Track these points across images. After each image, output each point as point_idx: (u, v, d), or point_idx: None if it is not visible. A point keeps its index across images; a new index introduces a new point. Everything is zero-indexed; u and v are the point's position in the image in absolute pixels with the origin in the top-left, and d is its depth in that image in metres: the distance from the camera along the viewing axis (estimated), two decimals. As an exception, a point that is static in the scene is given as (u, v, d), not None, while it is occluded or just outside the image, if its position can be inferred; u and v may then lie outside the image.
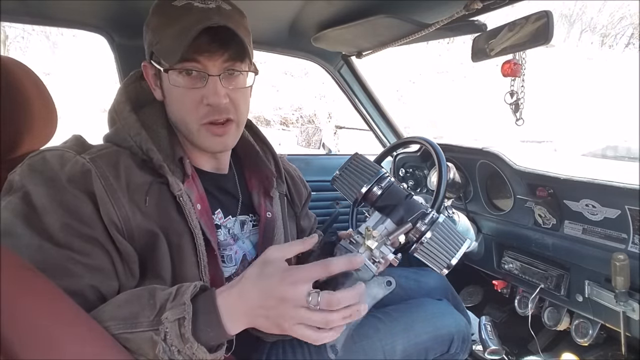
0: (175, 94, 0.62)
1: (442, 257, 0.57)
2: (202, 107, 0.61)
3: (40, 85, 0.72)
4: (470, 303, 1.59)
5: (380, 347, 0.74)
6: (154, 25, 0.61)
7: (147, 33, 0.63)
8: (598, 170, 1.03)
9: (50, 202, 0.50)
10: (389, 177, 0.64)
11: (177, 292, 0.46)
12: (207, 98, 0.60)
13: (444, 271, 0.58)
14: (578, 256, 1.04)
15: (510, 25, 0.86)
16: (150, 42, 0.62)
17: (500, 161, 1.19)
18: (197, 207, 0.62)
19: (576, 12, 14.11)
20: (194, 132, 0.63)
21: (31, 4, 0.98)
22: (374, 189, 0.62)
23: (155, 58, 0.62)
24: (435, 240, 0.57)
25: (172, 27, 0.58)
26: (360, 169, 0.64)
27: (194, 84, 0.60)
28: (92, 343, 0.39)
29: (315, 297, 0.44)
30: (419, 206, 0.61)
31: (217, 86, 0.60)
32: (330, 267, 0.47)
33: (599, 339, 1.09)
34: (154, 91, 0.66)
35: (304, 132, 8.32)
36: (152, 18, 0.62)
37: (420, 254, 0.59)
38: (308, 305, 0.44)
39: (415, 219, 0.58)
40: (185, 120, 0.63)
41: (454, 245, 0.57)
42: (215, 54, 0.59)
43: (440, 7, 0.93)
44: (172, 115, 0.65)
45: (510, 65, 0.93)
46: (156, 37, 0.61)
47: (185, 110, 0.62)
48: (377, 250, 0.57)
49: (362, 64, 1.51)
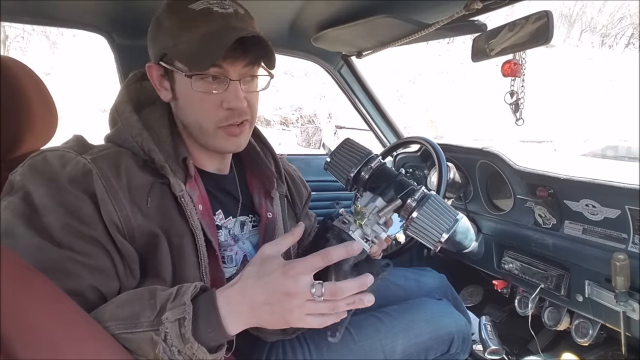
0: (194, 98, 0.61)
1: (433, 232, 0.57)
2: (222, 111, 0.62)
3: (40, 85, 0.72)
4: (470, 303, 1.59)
5: (380, 347, 0.74)
6: (170, 27, 0.60)
7: (160, 34, 0.61)
8: (598, 170, 1.03)
9: (51, 203, 0.50)
10: (377, 158, 0.64)
11: (178, 292, 0.46)
12: (228, 102, 0.61)
13: (436, 246, 0.58)
14: (578, 256, 1.04)
15: (510, 25, 0.86)
16: (163, 44, 0.61)
17: (500, 161, 1.19)
18: (199, 207, 0.62)
19: (576, 12, 14.11)
20: (209, 134, 0.64)
21: (31, 4, 0.98)
22: (363, 170, 0.63)
23: (168, 60, 0.61)
24: (425, 215, 0.57)
25: (192, 31, 0.58)
26: (350, 152, 0.65)
27: (215, 88, 0.60)
28: (92, 343, 0.39)
29: (319, 288, 0.46)
30: (409, 184, 0.61)
31: (238, 91, 0.61)
32: (329, 256, 0.48)
33: (599, 339, 1.09)
34: (159, 92, 0.65)
35: (304, 132, 8.31)
36: (166, 20, 0.60)
37: (411, 231, 0.58)
38: (313, 297, 0.45)
39: (405, 196, 0.58)
40: (201, 123, 0.63)
41: (445, 220, 0.57)
42: (237, 59, 0.60)
43: (440, 7, 0.93)
44: (184, 118, 0.64)
45: (510, 65, 0.93)
46: (172, 39, 0.59)
47: (203, 113, 0.62)
48: (368, 227, 0.57)
49: (362, 64, 1.51)
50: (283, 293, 0.45)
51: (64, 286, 0.41)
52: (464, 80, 10.84)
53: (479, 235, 1.36)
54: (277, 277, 0.46)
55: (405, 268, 1.12)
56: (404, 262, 1.65)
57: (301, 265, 0.46)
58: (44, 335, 0.33)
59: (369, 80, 1.61)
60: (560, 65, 10.90)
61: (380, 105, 1.65)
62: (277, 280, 0.46)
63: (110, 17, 1.08)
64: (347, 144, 0.67)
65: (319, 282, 0.46)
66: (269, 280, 0.46)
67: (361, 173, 0.63)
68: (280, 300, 0.45)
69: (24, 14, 1.04)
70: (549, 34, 0.78)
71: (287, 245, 0.52)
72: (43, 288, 0.36)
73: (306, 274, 0.46)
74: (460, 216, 0.59)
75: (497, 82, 1.32)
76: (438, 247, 0.58)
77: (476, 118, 8.96)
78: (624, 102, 9.75)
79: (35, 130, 0.70)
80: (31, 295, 0.34)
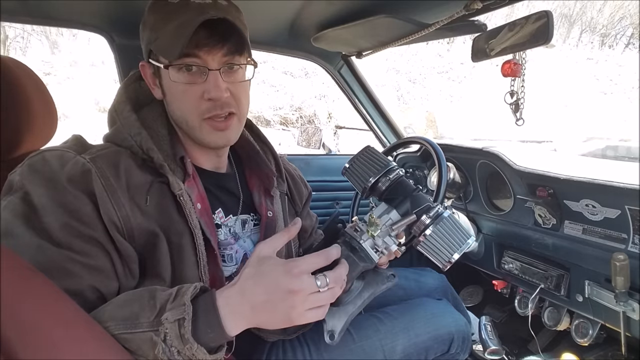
0: (176, 91, 0.61)
1: (444, 252, 0.57)
2: (204, 102, 0.61)
3: (40, 85, 0.72)
4: (470, 303, 1.59)
5: (380, 347, 0.74)
6: (151, 23, 0.61)
7: (145, 32, 0.63)
8: (598, 170, 1.03)
9: (50, 202, 0.50)
10: (397, 170, 0.64)
11: (177, 292, 0.46)
12: (208, 93, 0.60)
13: (445, 265, 0.58)
14: (578, 256, 1.04)
15: (510, 25, 0.86)
16: (148, 40, 0.62)
17: (500, 161, 1.19)
18: (197, 206, 0.62)
19: (576, 12, 14.10)
20: (195, 128, 0.63)
21: (31, 4, 0.98)
22: (381, 180, 0.63)
23: (153, 56, 0.62)
24: (438, 234, 0.57)
25: (170, 23, 0.58)
26: (370, 160, 0.65)
27: (195, 80, 0.60)
28: (92, 343, 0.39)
29: (324, 279, 0.48)
30: (425, 200, 0.61)
31: (218, 80, 0.60)
32: (330, 256, 0.50)
33: (599, 339, 1.09)
34: (153, 90, 0.65)
35: (304, 132, 8.32)
36: (148, 16, 0.62)
37: (422, 247, 0.59)
38: (318, 289, 0.47)
39: (420, 212, 0.58)
40: (186, 117, 0.63)
41: (457, 241, 0.57)
42: (214, 47, 0.59)
43: (440, 7, 0.93)
44: (172, 113, 0.65)
45: (510, 65, 0.93)
46: (154, 34, 0.60)
47: (187, 106, 0.62)
48: (379, 239, 0.57)
49: (362, 64, 1.51)
50: (287, 291, 0.46)
51: (63, 286, 0.41)
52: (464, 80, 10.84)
53: (479, 235, 1.36)
54: (279, 276, 0.46)
55: (405, 268, 1.12)
56: (404, 262, 1.65)
57: (303, 265, 0.47)
58: (44, 335, 0.33)
59: (369, 80, 1.61)
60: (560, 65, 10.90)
61: (380, 105, 1.65)
62: (280, 279, 0.46)
63: (110, 17, 1.08)
64: (367, 152, 0.67)
65: (322, 274, 0.48)
66: (270, 280, 0.46)
67: (379, 183, 0.63)
68: (284, 299, 0.46)
69: (24, 14, 1.04)
70: (549, 34, 0.78)
71: (282, 243, 0.52)
72: (43, 288, 0.36)
73: (307, 272, 0.47)
74: (472, 238, 0.59)
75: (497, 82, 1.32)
76: (447, 267, 0.59)
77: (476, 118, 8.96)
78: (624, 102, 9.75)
79: (35, 130, 0.70)
80: (31, 295, 0.34)
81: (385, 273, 0.57)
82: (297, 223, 0.54)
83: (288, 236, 0.53)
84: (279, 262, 0.48)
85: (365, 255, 0.56)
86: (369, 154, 0.66)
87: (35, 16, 1.06)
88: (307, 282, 0.46)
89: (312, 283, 0.47)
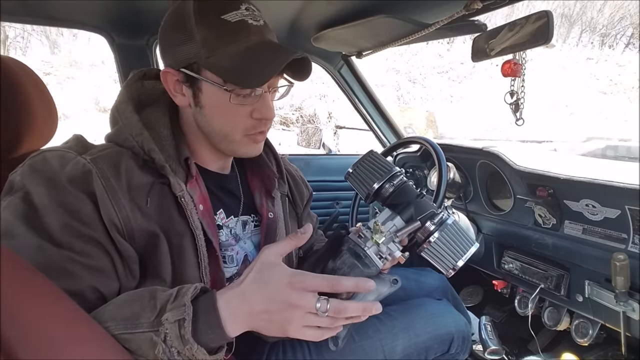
0: (226, 109, 0.61)
1: (449, 259, 0.57)
2: (250, 120, 0.62)
3: (40, 85, 0.72)
4: (470, 303, 1.60)
5: (380, 347, 0.74)
6: (204, 37, 0.58)
7: (189, 43, 0.59)
8: (598, 170, 1.03)
9: (50, 203, 0.50)
10: (401, 175, 0.64)
11: (178, 293, 0.46)
12: (259, 112, 0.62)
13: (449, 272, 0.58)
14: (578, 256, 1.04)
15: (510, 25, 0.86)
16: (194, 53, 0.58)
17: (500, 161, 1.19)
18: (200, 207, 0.62)
19: (576, 12, 14.10)
20: (235, 141, 0.64)
21: (31, 4, 0.98)
22: (385, 186, 0.63)
23: (195, 69, 0.59)
24: (443, 240, 0.57)
25: (232, 45, 0.58)
26: (373, 165, 0.65)
27: (246, 101, 0.61)
28: (92, 343, 0.39)
29: (325, 304, 0.45)
30: (430, 206, 0.61)
31: (270, 102, 0.62)
32: (338, 286, 0.47)
33: (599, 339, 1.09)
34: (173, 97, 0.64)
35: (304, 132, 8.32)
36: (197, 29, 0.57)
37: (426, 254, 0.59)
38: (317, 312, 0.45)
39: (425, 218, 0.58)
40: (227, 132, 0.63)
41: (462, 247, 0.57)
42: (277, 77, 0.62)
43: (440, 7, 0.93)
44: (208, 125, 0.63)
45: (510, 65, 0.93)
46: (208, 51, 0.58)
47: (231, 122, 0.62)
48: (384, 245, 0.57)
49: (362, 64, 1.51)
50: (286, 304, 0.45)
51: (63, 286, 0.41)
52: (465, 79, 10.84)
53: (479, 235, 1.36)
54: (281, 288, 0.45)
55: (405, 268, 1.12)
56: (404, 262, 1.65)
57: (308, 282, 0.46)
58: (44, 335, 0.33)
59: (369, 80, 1.61)
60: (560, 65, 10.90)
61: (380, 105, 1.65)
62: (282, 290, 0.45)
63: (110, 17, 1.08)
64: (370, 157, 0.67)
65: (324, 298, 0.46)
66: (272, 290, 0.46)
67: (383, 188, 0.63)
68: (281, 311, 0.45)
69: (24, 14, 1.04)
70: (549, 34, 0.78)
71: (289, 250, 0.51)
72: (43, 288, 0.36)
73: (311, 291, 0.46)
74: (476, 245, 0.60)
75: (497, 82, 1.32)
76: (451, 274, 0.59)
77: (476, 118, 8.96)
78: (624, 102, 9.75)
79: (35, 130, 0.70)
80: (31, 295, 0.34)
81: (388, 278, 0.57)
82: (306, 231, 0.52)
83: (295, 243, 0.51)
84: (284, 273, 0.47)
85: (369, 262, 0.56)
86: (373, 159, 0.66)
87: (35, 16, 1.06)
88: (307, 299, 0.45)
89: (312, 302, 0.45)
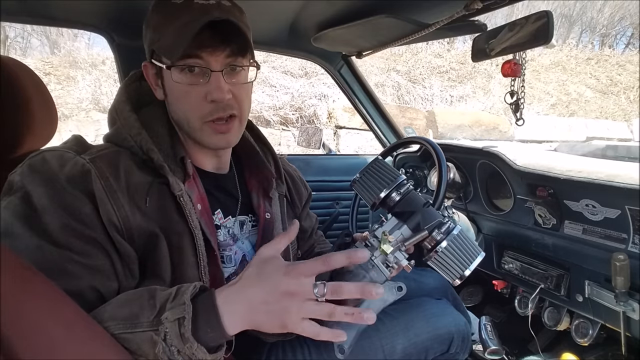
0: (178, 92, 0.61)
1: (456, 268, 0.58)
2: (206, 104, 0.61)
3: (40, 85, 0.72)
4: (470, 303, 1.59)
5: (380, 347, 0.74)
6: (155, 23, 0.61)
7: (148, 32, 0.62)
8: (598, 170, 1.02)
9: (50, 203, 0.50)
10: (408, 183, 0.64)
11: (177, 292, 0.46)
12: (210, 94, 0.60)
13: (456, 281, 0.58)
14: (578, 256, 1.04)
15: (510, 25, 0.86)
16: (151, 40, 0.62)
17: (500, 161, 1.19)
18: (198, 207, 0.62)
19: (576, 12, 14.10)
20: (197, 129, 0.63)
21: (31, 4, 0.98)
22: (392, 194, 0.63)
23: (156, 56, 0.62)
24: (450, 250, 0.57)
25: (173, 23, 0.58)
26: (380, 173, 0.65)
27: (197, 81, 0.60)
28: (92, 343, 0.39)
29: (322, 287, 0.46)
30: (437, 215, 0.61)
31: (221, 82, 0.60)
32: (330, 261, 0.47)
33: (599, 339, 1.09)
34: (155, 91, 0.66)
35: (304, 132, 8.30)
36: (152, 16, 0.62)
37: (433, 263, 0.59)
38: (315, 297, 0.45)
39: (432, 228, 0.59)
40: (188, 118, 0.63)
41: (468, 256, 0.58)
42: (217, 49, 0.59)
43: (440, 7, 0.93)
44: (174, 114, 0.65)
45: (510, 65, 0.93)
46: (157, 34, 0.60)
47: (188, 107, 0.62)
48: (391, 255, 0.57)
49: (362, 64, 1.51)
50: (283, 292, 0.45)
51: (63, 286, 0.41)
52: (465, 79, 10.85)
53: (479, 235, 1.36)
54: (278, 277, 0.46)
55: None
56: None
57: (303, 267, 0.46)
58: (44, 335, 0.33)
59: (369, 80, 1.61)
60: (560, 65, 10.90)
61: (380, 105, 1.65)
62: (279, 280, 0.46)
63: (110, 17, 1.08)
64: (377, 164, 0.67)
65: (321, 282, 0.46)
66: (269, 280, 0.46)
67: (390, 196, 0.63)
68: (279, 300, 0.45)
69: (24, 14, 1.04)
70: (549, 34, 0.78)
71: (285, 244, 0.52)
72: (43, 288, 0.36)
73: (308, 276, 0.46)
74: (482, 254, 0.60)
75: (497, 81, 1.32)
76: (458, 283, 0.59)
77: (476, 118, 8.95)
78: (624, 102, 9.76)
79: (35, 131, 0.70)
80: (31, 295, 0.34)
81: (393, 285, 0.58)
82: (294, 224, 0.54)
83: (289, 237, 0.53)
84: (281, 264, 0.47)
85: (377, 272, 0.56)
86: (379, 167, 0.66)
87: (35, 16, 1.06)
88: (304, 284, 0.45)
89: (309, 287, 0.45)
